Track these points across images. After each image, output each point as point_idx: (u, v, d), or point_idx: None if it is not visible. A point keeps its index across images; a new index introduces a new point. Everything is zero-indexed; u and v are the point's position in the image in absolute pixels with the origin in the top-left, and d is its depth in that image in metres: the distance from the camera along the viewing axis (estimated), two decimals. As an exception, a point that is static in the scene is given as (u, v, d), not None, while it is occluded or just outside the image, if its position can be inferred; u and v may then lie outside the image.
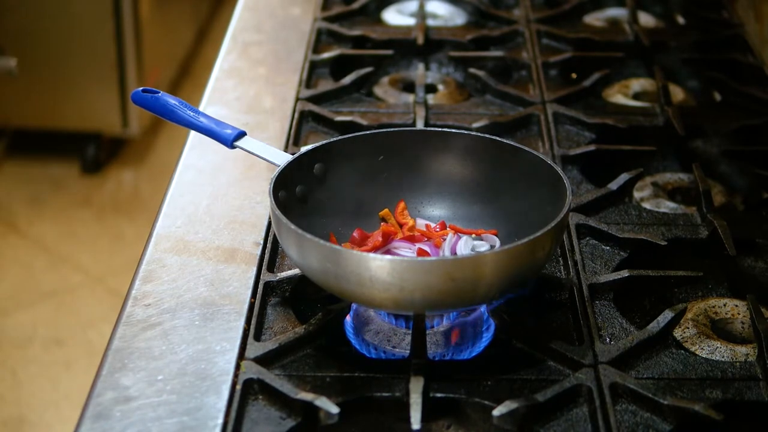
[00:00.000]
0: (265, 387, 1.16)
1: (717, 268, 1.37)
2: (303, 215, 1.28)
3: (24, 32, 3.55)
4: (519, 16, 2.04)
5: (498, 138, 1.38)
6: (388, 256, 1.19)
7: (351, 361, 1.21)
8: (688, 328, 1.26)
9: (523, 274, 1.19)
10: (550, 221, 1.20)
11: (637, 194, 1.53)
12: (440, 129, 1.41)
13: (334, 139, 1.39)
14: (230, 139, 1.34)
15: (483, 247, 1.32)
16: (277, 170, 1.29)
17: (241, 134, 1.35)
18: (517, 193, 1.34)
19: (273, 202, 1.23)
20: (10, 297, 3.21)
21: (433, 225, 1.36)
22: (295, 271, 1.31)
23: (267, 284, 1.31)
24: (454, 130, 1.39)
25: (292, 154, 1.33)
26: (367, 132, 1.41)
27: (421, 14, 2.00)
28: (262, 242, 1.39)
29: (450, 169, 1.38)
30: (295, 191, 1.32)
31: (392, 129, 1.41)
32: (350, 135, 1.41)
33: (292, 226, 1.19)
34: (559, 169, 1.27)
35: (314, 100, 1.73)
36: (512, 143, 1.36)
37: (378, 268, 1.14)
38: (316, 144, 1.36)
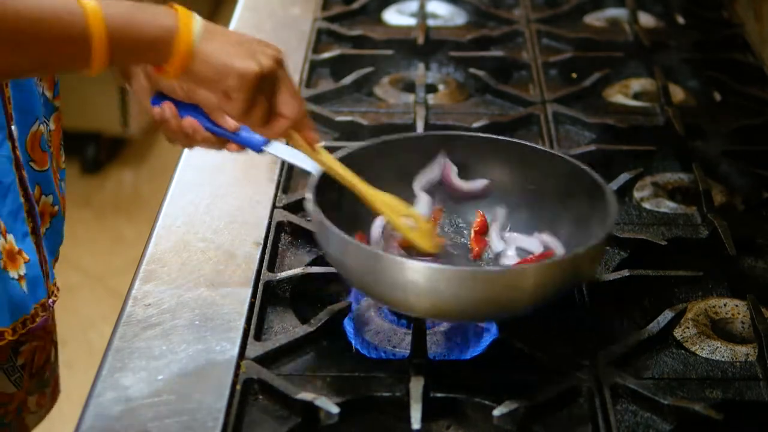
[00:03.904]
0: (265, 387, 1.16)
1: (717, 268, 1.37)
2: (340, 220, 1.24)
3: (24, 32, 3.55)
4: (519, 16, 2.04)
5: (545, 149, 1.37)
6: (429, 264, 1.17)
7: (351, 361, 1.21)
8: (688, 328, 1.26)
9: (564, 286, 1.19)
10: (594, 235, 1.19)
11: (637, 194, 1.52)
12: (484, 135, 1.39)
13: (367, 143, 1.35)
14: (260, 144, 1.26)
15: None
16: (314, 177, 1.25)
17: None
18: (560, 203, 1.32)
19: (316, 208, 1.20)
20: (10, 297, 3.21)
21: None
22: (295, 271, 1.32)
23: (267, 284, 1.31)
24: (496, 137, 1.37)
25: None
26: (398, 136, 1.38)
27: (422, 14, 2.00)
28: (262, 242, 1.39)
29: (491, 176, 1.36)
30: (330, 197, 1.27)
31: (423, 133, 1.39)
32: (383, 138, 1.37)
33: (345, 236, 1.16)
34: (604, 184, 1.26)
35: (315, 100, 1.73)
36: (558, 154, 1.35)
37: (416, 274, 1.13)
38: (351, 149, 1.32)
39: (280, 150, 1.27)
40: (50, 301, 1.37)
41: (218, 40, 1.15)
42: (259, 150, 1.26)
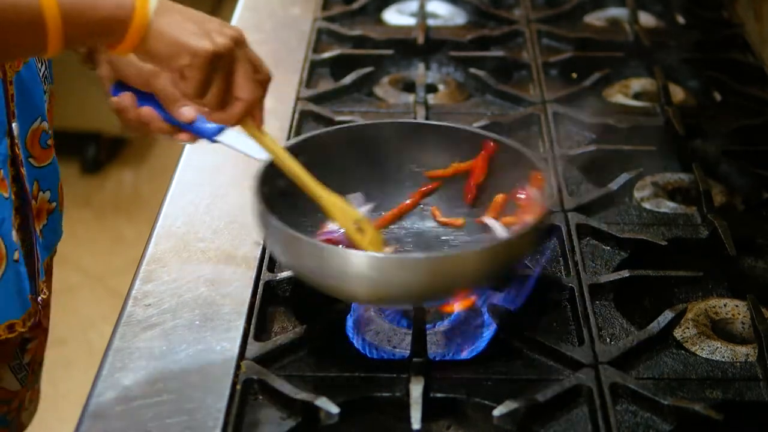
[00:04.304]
0: (265, 387, 1.16)
1: (717, 268, 1.37)
2: (287, 210, 1.27)
3: (24, 32, 3.54)
4: (519, 16, 2.04)
5: (480, 131, 1.38)
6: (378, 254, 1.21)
7: (351, 361, 1.21)
8: (689, 328, 1.26)
9: (503, 269, 1.21)
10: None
11: (637, 194, 1.52)
12: (430, 123, 1.41)
13: (316, 132, 1.39)
14: (213, 134, 1.28)
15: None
16: (261, 165, 1.26)
17: (222, 128, 1.28)
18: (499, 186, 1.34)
19: (258, 197, 1.22)
20: (10, 297, 3.21)
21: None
22: (295, 271, 1.32)
23: (267, 284, 1.31)
24: (448, 124, 1.38)
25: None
26: (347, 125, 1.41)
27: (422, 14, 2.00)
28: (262, 242, 1.39)
29: (434, 162, 1.37)
30: (278, 185, 1.28)
31: (369, 122, 1.41)
32: (331, 128, 1.40)
33: (280, 225, 1.18)
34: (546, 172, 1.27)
35: (314, 100, 1.73)
36: (495, 137, 1.35)
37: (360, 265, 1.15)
38: (299, 138, 1.35)
39: (232, 139, 1.27)
40: (39, 298, 1.37)
41: (174, 17, 1.13)
42: (211, 139, 1.26)
